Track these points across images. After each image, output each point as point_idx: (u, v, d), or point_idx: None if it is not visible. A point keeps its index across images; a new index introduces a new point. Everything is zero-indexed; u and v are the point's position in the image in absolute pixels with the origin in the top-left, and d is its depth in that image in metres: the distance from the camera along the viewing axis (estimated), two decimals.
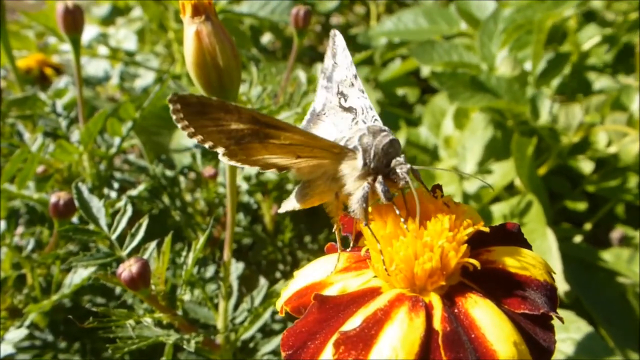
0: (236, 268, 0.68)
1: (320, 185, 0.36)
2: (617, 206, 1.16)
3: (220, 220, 0.81)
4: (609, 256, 1.04)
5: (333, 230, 0.36)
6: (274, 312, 0.69)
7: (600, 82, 1.27)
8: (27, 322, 0.57)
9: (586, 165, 1.11)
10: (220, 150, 0.34)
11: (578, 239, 1.12)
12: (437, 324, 0.28)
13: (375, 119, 0.38)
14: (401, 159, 0.33)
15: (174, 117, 0.32)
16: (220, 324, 0.55)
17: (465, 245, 0.29)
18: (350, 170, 0.34)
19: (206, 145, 0.34)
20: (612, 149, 1.02)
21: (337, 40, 0.43)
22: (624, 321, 0.95)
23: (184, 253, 0.51)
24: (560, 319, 0.29)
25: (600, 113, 1.03)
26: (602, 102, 1.03)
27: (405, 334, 0.27)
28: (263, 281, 0.66)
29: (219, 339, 0.55)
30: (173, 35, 1.39)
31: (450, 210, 0.30)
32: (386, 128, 0.34)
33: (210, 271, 0.69)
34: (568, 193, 1.15)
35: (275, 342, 0.63)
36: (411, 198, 0.31)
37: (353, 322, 0.28)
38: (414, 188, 0.30)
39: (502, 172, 1.10)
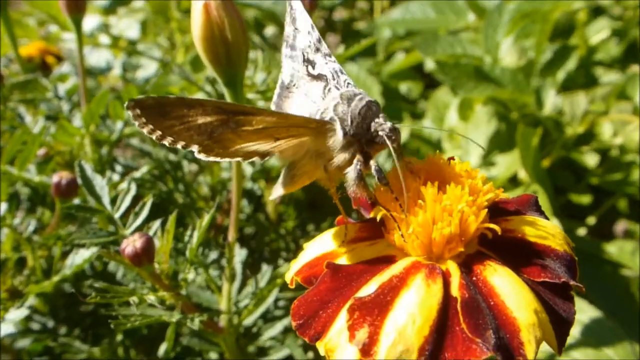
0: (240, 254, 0.67)
1: (305, 164, 0.35)
2: (621, 201, 1.16)
3: (223, 207, 0.80)
4: (613, 248, 1.03)
5: (333, 202, 0.35)
6: (277, 299, 0.68)
7: (607, 76, 1.26)
8: (27, 303, 0.56)
9: (590, 159, 1.10)
10: (194, 148, 0.32)
11: (582, 232, 1.11)
12: (455, 291, 0.27)
13: (348, 83, 0.36)
14: (381, 119, 0.31)
15: (136, 123, 0.30)
16: (223, 306, 0.54)
17: (485, 210, 0.28)
18: (332, 142, 0.32)
19: (179, 146, 0.32)
20: (618, 140, 1.02)
21: (295, 5, 0.40)
22: (627, 313, 0.94)
23: (188, 232, 0.50)
24: (580, 287, 0.28)
25: (606, 104, 1.02)
26: (607, 93, 1.03)
27: (423, 300, 0.26)
28: (267, 267, 0.65)
29: (223, 322, 0.54)
30: (176, 25, 1.38)
31: (469, 176, 0.29)
32: (361, 91, 0.33)
33: (213, 256, 0.68)
34: (572, 186, 1.15)
35: (278, 327, 0.62)
36: (428, 164, 0.30)
37: (367, 289, 0.28)
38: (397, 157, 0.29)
39: (506, 163, 1.09)
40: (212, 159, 0.33)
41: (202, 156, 0.33)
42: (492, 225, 0.28)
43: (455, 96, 1.22)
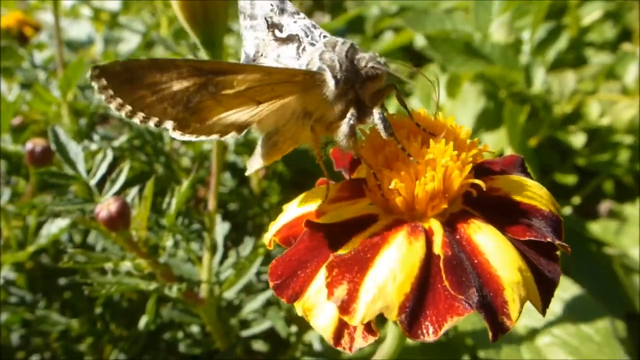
0: (222, 227, 0.65)
1: (290, 128, 0.32)
2: (606, 182, 1.16)
3: (206, 180, 0.78)
4: (597, 227, 1.03)
5: (316, 162, 0.33)
6: (259, 272, 0.67)
7: (597, 57, 1.25)
8: (2, 273, 0.55)
9: (577, 139, 1.10)
10: (168, 124, 0.29)
11: (567, 211, 1.11)
12: (438, 249, 0.26)
13: (324, 36, 0.33)
14: (362, 53, 0.29)
15: (102, 97, 0.27)
16: (204, 276, 0.53)
17: (470, 165, 0.27)
18: (323, 96, 0.30)
19: (151, 123, 0.29)
20: (605, 120, 1.01)
21: None
22: (611, 291, 0.95)
23: (166, 199, 0.48)
24: (566, 247, 0.27)
25: (595, 83, 1.02)
26: (596, 72, 1.02)
27: (404, 257, 0.25)
28: (249, 239, 0.64)
29: (203, 292, 0.53)
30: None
31: (454, 131, 0.28)
32: (342, 38, 0.31)
33: (195, 228, 0.67)
34: (558, 166, 1.15)
35: (260, 299, 0.61)
36: (413, 115, 0.29)
37: (347, 248, 0.26)
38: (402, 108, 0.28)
39: (493, 141, 1.09)
40: (187, 137, 0.30)
41: (177, 134, 0.30)
42: (476, 181, 0.27)
43: (443, 74, 1.21)
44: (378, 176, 0.28)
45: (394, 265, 0.25)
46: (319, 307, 0.25)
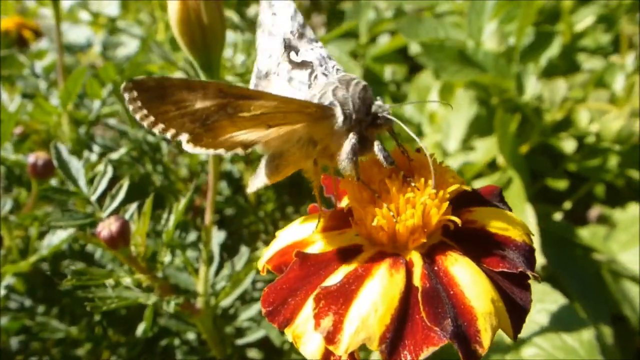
0: (218, 236, 0.67)
1: (294, 153, 0.34)
2: (597, 186, 1.18)
3: (202, 189, 0.80)
4: (586, 233, 1.06)
5: (313, 193, 0.35)
6: (255, 280, 0.69)
7: (590, 63, 1.27)
8: (4, 283, 0.56)
9: (568, 145, 1.12)
10: (183, 137, 0.31)
11: (558, 216, 1.13)
12: (417, 281, 0.28)
13: (337, 69, 0.35)
14: (380, 102, 0.31)
15: (130, 107, 0.29)
16: (200, 288, 0.55)
17: (447, 202, 0.29)
18: (330, 128, 0.32)
19: (168, 135, 0.30)
20: (594, 128, 1.04)
21: None
22: (598, 296, 0.97)
23: (165, 215, 0.50)
24: (537, 277, 0.29)
25: (584, 91, 1.04)
26: (586, 80, 1.04)
27: (386, 289, 0.27)
28: (245, 249, 0.65)
29: (199, 303, 0.55)
30: (157, 1, 1.35)
31: (435, 167, 0.30)
32: (355, 76, 0.32)
33: (191, 238, 0.69)
34: (549, 172, 1.17)
35: (255, 308, 0.63)
36: (394, 155, 0.31)
37: (334, 278, 0.28)
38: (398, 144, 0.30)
39: (485, 148, 1.10)
40: (197, 150, 0.32)
41: (189, 147, 0.31)
42: (453, 218, 0.29)
43: (437, 80, 1.23)
44: (362, 212, 0.30)
45: (376, 298, 0.27)
46: (307, 335, 0.27)
